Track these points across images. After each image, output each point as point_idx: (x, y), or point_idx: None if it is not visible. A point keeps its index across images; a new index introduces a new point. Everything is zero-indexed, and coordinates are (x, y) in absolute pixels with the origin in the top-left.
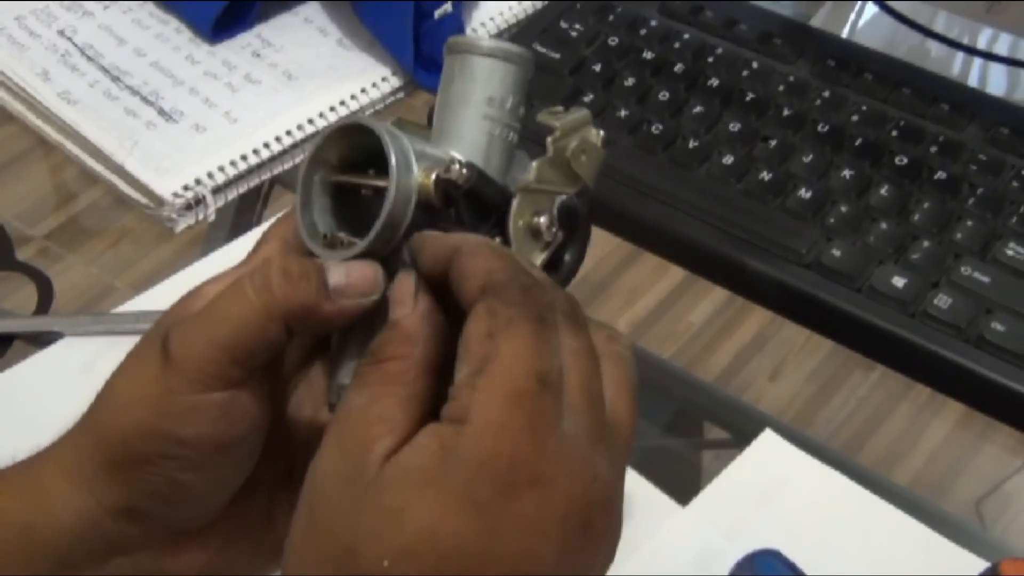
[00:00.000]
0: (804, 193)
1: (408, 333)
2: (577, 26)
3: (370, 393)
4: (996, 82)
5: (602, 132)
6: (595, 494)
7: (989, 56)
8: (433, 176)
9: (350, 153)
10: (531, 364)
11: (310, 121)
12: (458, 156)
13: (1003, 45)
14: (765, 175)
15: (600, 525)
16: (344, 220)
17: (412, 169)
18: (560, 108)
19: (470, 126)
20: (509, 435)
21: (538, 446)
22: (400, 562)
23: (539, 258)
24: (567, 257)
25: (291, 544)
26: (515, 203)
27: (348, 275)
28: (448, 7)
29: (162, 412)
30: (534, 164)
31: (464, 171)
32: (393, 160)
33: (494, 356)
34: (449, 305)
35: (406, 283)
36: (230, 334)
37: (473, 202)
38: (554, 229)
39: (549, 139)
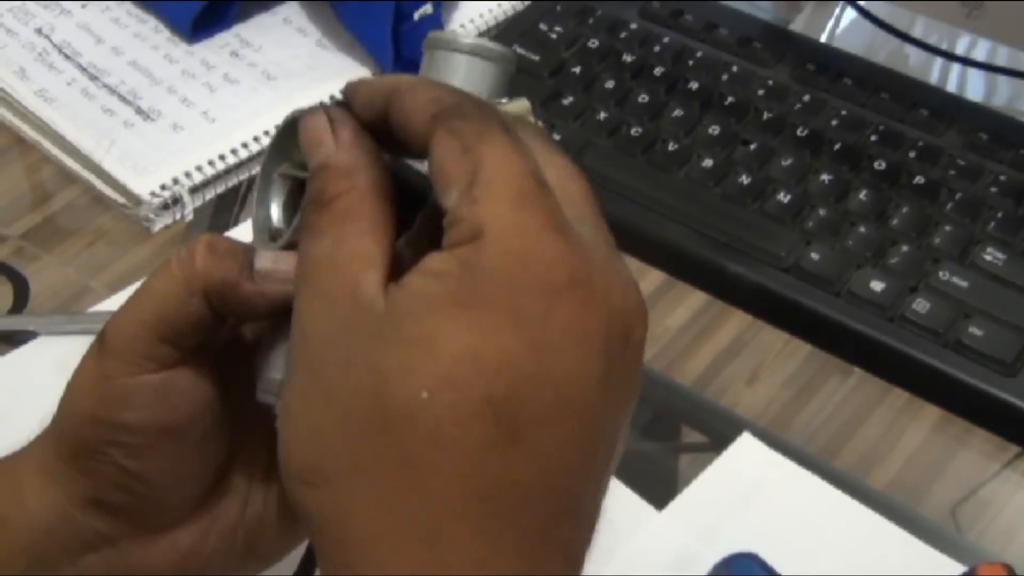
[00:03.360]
0: (783, 197)
1: (343, 167)
2: (557, 28)
3: (331, 237)
4: (975, 87)
5: (540, 123)
6: (631, 300)
7: (968, 61)
8: None
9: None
10: (522, 164)
11: None
12: None
13: (982, 51)
14: (744, 179)
15: (639, 336)
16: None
17: None
18: (505, 99)
19: None
20: (534, 234)
21: (566, 244)
22: (442, 390)
23: None
24: None
25: (293, 419)
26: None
27: (276, 261)
28: (428, 8)
29: (101, 398)
30: None
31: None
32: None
33: (481, 165)
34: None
35: (315, 122)
36: (154, 309)
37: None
38: None
39: None
